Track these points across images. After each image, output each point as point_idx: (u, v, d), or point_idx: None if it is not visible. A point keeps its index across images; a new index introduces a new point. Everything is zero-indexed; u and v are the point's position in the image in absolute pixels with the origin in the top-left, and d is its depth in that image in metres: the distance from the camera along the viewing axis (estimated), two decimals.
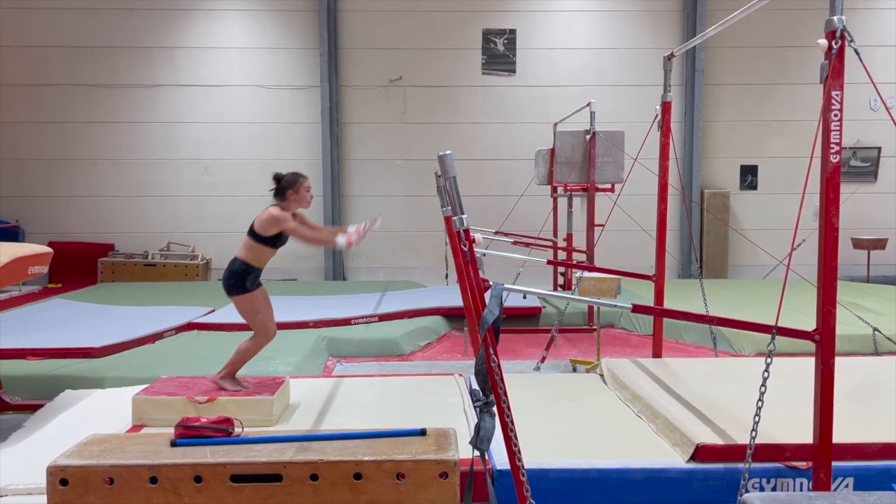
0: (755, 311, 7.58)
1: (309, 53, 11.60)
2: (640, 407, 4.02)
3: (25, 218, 11.48)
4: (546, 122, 10.79)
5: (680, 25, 11.79)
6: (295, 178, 4.13)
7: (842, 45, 2.82)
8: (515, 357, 6.45)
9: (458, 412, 4.02)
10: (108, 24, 11.44)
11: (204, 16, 11.56)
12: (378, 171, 11.87)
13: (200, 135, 11.67)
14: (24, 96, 11.45)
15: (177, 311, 7.66)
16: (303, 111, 11.71)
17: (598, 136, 8.00)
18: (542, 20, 11.76)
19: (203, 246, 11.64)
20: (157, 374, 4.63)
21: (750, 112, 11.98)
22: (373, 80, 11.70)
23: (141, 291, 9.41)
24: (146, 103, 11.60)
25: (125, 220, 11.67)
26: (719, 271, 11.71)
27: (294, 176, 4.14)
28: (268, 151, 11.72)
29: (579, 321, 7.64)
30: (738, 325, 3.22)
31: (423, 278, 11.13)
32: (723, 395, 4.04)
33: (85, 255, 11.17)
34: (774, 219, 11.62)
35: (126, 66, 11.51)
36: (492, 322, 2.63)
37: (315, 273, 11.85)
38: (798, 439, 3.18)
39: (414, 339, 6.90)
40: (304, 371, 5.43)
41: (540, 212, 9.89)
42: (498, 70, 11.68)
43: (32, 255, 3.45)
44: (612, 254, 10.40)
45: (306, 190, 4.13)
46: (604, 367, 4.86)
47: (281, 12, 11.60)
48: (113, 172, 11.65)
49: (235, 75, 11.64)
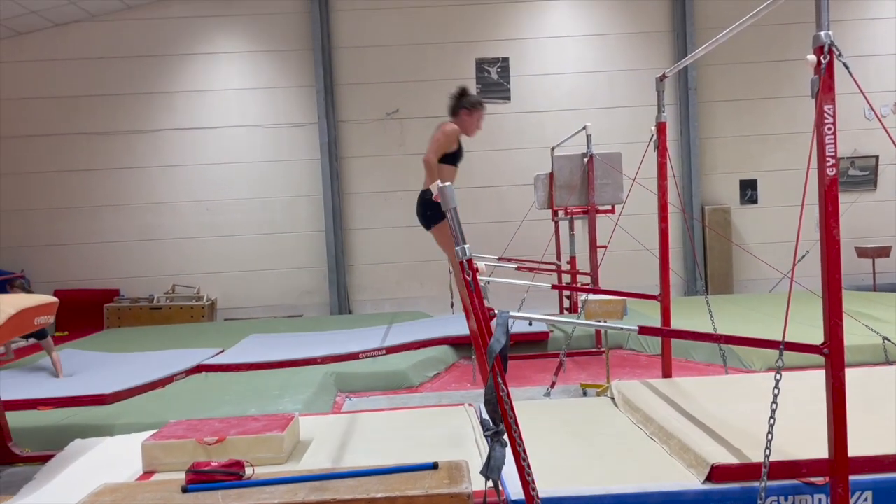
0: (763, 325, 7.55)
1: (305, 91, 11.73)
2: (652, 429, 3.99)
3: (30, 268, 11.54)
4: (543, 146, 10.86)
5: (671, 45, 11.92)
6: (477, 101, 4.25)
7: (830, 59, 2.85)
8: (525, 383, 6.41)
9: (470, 443, 3.99)
10: (106, 73, 11.60)
11: (201, 60, 11.73)
12: (379, 204, 11.93)
13: (201, 176, 11.77)
14: (26, 147, 11.58)
15: (185, 353, 7.65)
16: (302, 148, 11.81)
17: (595, 159, 8.05)
18: (534, 47, 11.90)
19: (208, 287, 11.68)
20: (166, 418, 4.61)
21: (746, 127, 12.05)
22: (369, 114, 11.82)
23: (148, 335, 9.41)
24: (146, 148, 11.72)
25: (129, 264, 11.72)
26: (725, 287, 11.69)
27: (477, 99, 4.26)
28: (269, 189, 11.80)
29: (587, 344, 7.61)
30: (746, 343, 3.21)
31: (429, 308, 11.12)
32: (735, 412, 4.01)
33: (90, 302, 11.20)
34: (777, 232, 11.62)
35: (124, 113, 11.65)
36: (499, 351, 2.63)
37: (321, 308, 11.85)
38: (813, 454, 3.15)
39: (422, 370, 6.87)
40: (313, 408, 5.41)
41: (542, 236, 9.92)
42: (493, 98, 11.79)
43: (38, 306, 3.46)
44: (616, 274, 10.40)
45: (479, 119, 4.25)
46: (614, 390, 4.83)
47: (276, 52, 11.76)
48: (115, 218, 11.73)
49: (234, 116, 11.77)
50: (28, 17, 10.81)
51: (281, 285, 11.87)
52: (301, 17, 11.69)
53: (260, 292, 11.83)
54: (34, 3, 10.43)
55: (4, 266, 11.41)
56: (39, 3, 10.44)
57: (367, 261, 11.96)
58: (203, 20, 11.65)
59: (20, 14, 10.64)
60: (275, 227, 11.85)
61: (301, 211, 11.85)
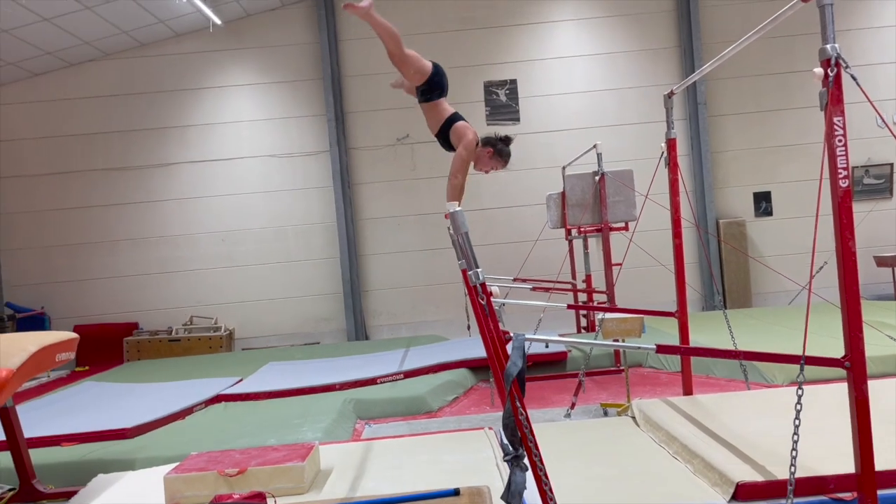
0: (784, 338, 7.47)
1: (317, 120, 11.86)
2: (675, 448, 3.95)
3: (50, 304, 11.66)
4: (554, 165, 10.89)
5: (678, 61, 11.95)
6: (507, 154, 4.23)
7: (838, 71, 2.85)
8: (544, 405, 6.37)
9: (491, 467, 3.97)
10: (120, 109, 11.80)
11: (213, 93, 11.90)
12: (392, 228, 11.98)
13: (216, 208, 11.89)
14: (43, 185, 11.76)
15: (204, 383, 7.68)
16: (314, 176, 11.91)
17: (607, 177, 8.05)
18: (541, 68, 11.97)
19: (225, 317, 11.75)
20: (187, 450, 4.63)
21: (757, 139, 12.02)
22: (380, 140, 11.91)
23: (167, 367, 9.47)
24: (161, 181, 11.87)
25: (147, 297, 11.81)
26: (743, 300, 11.58)
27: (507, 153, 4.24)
28: (283, 218, 11.90)
29: (606, 363, 7.55)
30: (766, 358, 3.19)
31: (446, 331, 11.11)
32: (759, 428, 3.97)
33: (110, 336, 11.29)
34: (793, 243, 11.54)
35: (139, 148, 11.83)
36: (516, 374, 2.62)
37: (337, 334, 11.87)
38: (840, 469, 3.10)
39: (441, 394, 6.85)
40: (332, 436, 5.40)
41: (556, 255, 9.90)
42: (502, 120, 11.85)
43: (59, 343, 3.50)
44: (632, 291, 10.36)
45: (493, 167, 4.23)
46: (635, 409, 4.79)
47: (287, 83, 11.92)
48: (133, 252, 11.85)
49: (247, 147, 11.91)
50: (43, 58, 11.04)
51: (297, 313, 11.91)
52: (310, 47, 11.86)
53: (277, 320, 11.88)
54: (49, 45, 10.66)
55: (25, 303, 11.55)
56: (54, 44, 10.66)
57: (382, 285, 11.99)
58: (213, 55, 11.84)
59: (36, 55, 10.88)
60: (290, 256, 11.93)
61: (315, 238, 11.93)
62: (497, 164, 4.29)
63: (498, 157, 4.28)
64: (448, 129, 4.24)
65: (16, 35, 9.97)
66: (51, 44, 10.64)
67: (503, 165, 4.35)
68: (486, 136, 4.32)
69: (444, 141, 4.33)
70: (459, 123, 4.26)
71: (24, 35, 10.05)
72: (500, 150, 4.27)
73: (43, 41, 10.45)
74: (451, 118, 4.29)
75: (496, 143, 4.28)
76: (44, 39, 10.39)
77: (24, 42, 10.27)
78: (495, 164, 4.29)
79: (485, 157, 4.28)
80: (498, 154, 4.27)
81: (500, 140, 4.29)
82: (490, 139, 4.29)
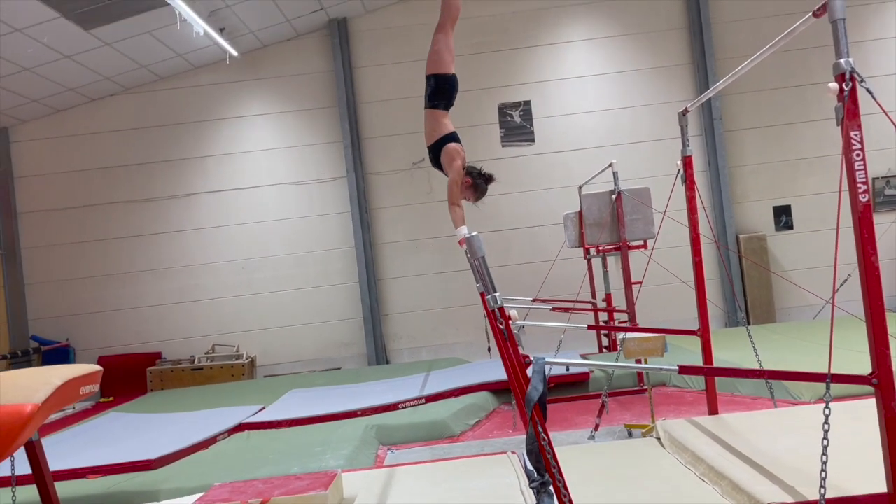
0: (810, 354, 7.37)
1: (333, 147, 11.97)
2: (702, 469, 3.89)
3: (75, 335, 11.79)
4: (570, 185, 10.89)
5: (692, 77, 11.94)
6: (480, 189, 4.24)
7: (853, 86, 2.84)
8: (568, 427, 6.31)
9: (515, 493, 3.93)
10: (140, 142, 11.99)
11: (230, 123, 12.07)
12: (410, 252, 12.01)
13: (236, 236, 12.00)
14: (67, 219, 11.94)
15: (227, 412, 7.70)
16: (332, 202, 12.00)
17: (623, 195, 8.03)
18: (554, 88, 12.02)
19: (247, 344, 11.80)
20: (211, 481, 4.63)
21: (775, 153, 11.95)
22: (396, 164, 11.99)
23: (190, 396, 9.51)
24: (181, 212, 12.01)
25: (170, 327, 11.91)
26: (767, 316, 11.43)
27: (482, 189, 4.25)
28: (302, 245, 11.97)
29: (629, 383, 7.47)
30: (791, 377, 3.14)
31: (466, 353, 11.08)
32: (787, 447, 3.90)
33: (134, 366, 11.37)
34: (816, 257, 11.40)
35: (159, 179, 11.99)
36: (537, 399, 2.61)
37: (358, 359, 11.87)
38: (871, 489, 3.04)
39: (463, 418, 6.80)
40: (355, 463, 5.38)
41: (575, 274, 9.87)
42: (517, 141, 11.89)
43: (83, 376, 3.53)
44: (653, 309, 10.28)
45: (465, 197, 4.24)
46: (660, 430, 4.73)
47: (303, 111, 12.06)
48: (154, 282, 11.97)
49: (265, 175, 12.03)
50: (65, 94, 11.27)
51: (318, 339, 11.94)
52: (325, 76, 12.00)
53: (298, 347, 11.91)
54: (71, 81, 10.89)
55: (50, 336, 11.69)
56: (75, 80, 10.89)
57: (402, 309, 11.99)
58: (231, 86, 12.02)
59: (58, 92, 11.11)
60: (309, 282, 11.99)
61: (334, 264, 11.98)
62: (469, 195, 4.23)
63: (472, 189, 4.22)
64: (441, 145, 4.23)
65: (38, 73, 10.20)
66: (72, 80, 10.87)
67: (475, 200, 4.28)
68: (471, 166, 4.27)
69: (433, 156, 4.32)
70: (452, 145, 4.22)
71: (47, 73, 10.28)
72: (476, 185, 4.21)
73: (65, 78, 10.69)
74: (447, 136, 4.27)
75: (476, 178, 4.23)
76: (65, 76, 10.62)
77: (47, 79, 10.51)
78: (468, 195, 4.24)
79: (467, 188, 4.23)
80: (474, 187, 4.22)
81: (481, 175, 4.23)
82: (473, 171, 4.24)
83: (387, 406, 7.17)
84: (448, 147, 4.21)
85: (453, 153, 4.18)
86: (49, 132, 11.95)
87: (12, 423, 2.43)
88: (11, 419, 2.43)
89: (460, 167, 4.15)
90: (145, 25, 9.79)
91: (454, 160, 4.15)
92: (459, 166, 4.15)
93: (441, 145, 4.23)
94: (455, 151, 4.19)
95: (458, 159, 4.16)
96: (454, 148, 4.20)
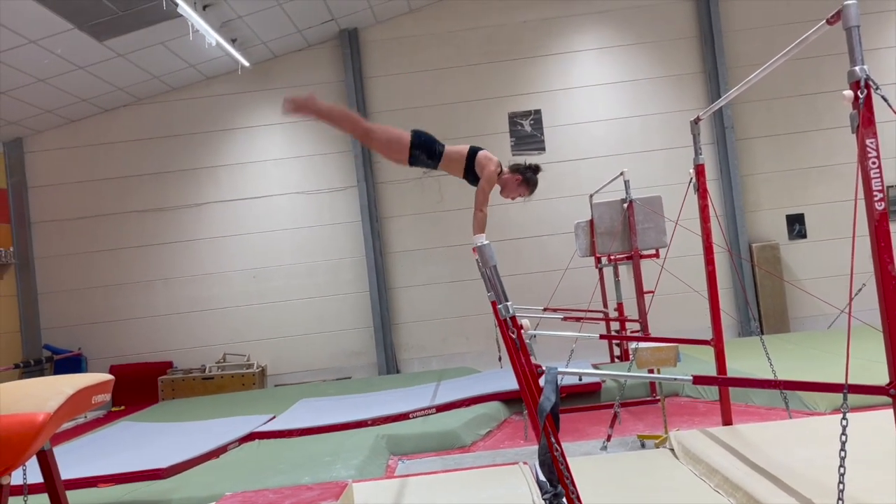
0: (824, 363, 7.29)
1: (344, 156, 12.00)
2: (717, 481, 3.85)
3: (87, 345, 11.84)
4: (581, 193, 10.86)
5: (703, 86, 11.91)
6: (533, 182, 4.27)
7: (868, 93, 2.81)
8: (580, 437, 6.26)
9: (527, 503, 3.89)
10: (153, 152, 12.07)
11: (242, 133, 12.13)
12: (421, 261, 12.00)
13: (247, 245, 12.04)
14: (80, 228, 12.03)
15: (238, 421, 7.70)
16: (343, 211, 12.02)
17: (635, 204, 7.99)
18: (565, 97, 12.01)
19: (257, 354, 11.82)
20: (221, 490, 4.62)
21: (787, 162, 11.88)
22: (407, 173, 11.99)
23: (201, 406, 9.51)
24: (193, 221, 12.07)
25: (181, 336, 11.94)
26: (781, 325, 11.34)
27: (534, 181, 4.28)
28: (313, 254, 11.99)
29: (642, 393, 7.41)
30: (807, 387, 3.10)
31: (476, 362, 11.04)
32: (803, 459, 3.85)
33: (145, 375, 11.40)
34: (830, 265, 11.30)
35: (172, 189, 12.06)
36: (550, 409, 2.58)
37: (369, 368, 11.86)
38: (889, 501, 2.99)
39: (474, 428, 6.77)
40: (366, 473, 5.36)
41: (586, 283, 9.82)
42: (527, 150, 11.88)
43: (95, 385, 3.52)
44: (665, 318, 10.22)
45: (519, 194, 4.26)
46: (673, 441, 4.68)
47: (314, 122, 12.08)
48: (166, 291, 12.02)
49: (276, 185, 12.07)
50: (79, 105, 11.37)
51: (328, 348, 11.94)
52: (336, 85, 12.05)
53: (308, 356, 11.91)
54: (84, 92, 10.98)
55: (62, 345, 11.75)
56: (89, 91, 10.99)
57: (412, 318, 11.98)
58: (242, 96, 12.09)
59: (72, 103, 11.21)
60: (320, 291, 12.00)
61: (345, 273, 11.99)
62: (524, 191, 4.30)
63: (525, 185, 4.29)
64: (471, 163, 4.26)
65: (53, 84, 10.30)
66: (86, 91, 10.97)
67: (529, 193, 4.36)
68: (514, 164, 4.33)
69: (472, 177, 4.34)
70: (481, 154, 4.27)
71: (61, 83, 10.38)
72: (528, 179, 4.29)
73: (78, 89, 10.78)
74: (470, 152, 4.29)
75: (525, 171, 4.29)
76: (79, 87, 10.72)
77: (61, 90, 10.61)
78: (522, 192, 4.31)
79: (512, 184, 4.30)
80: (526, 182, 4.29)
81: (528, 168, 4.30)
82: (519, 166, 4.30)
83: (397, 416, 7.14)
84: (480, 156, 4.27)
85: (484, 161, 4.23)
86: (63, 142, 12.05)
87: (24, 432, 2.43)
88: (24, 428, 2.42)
89: (494, 172, 4.19)
90: (158, 36, 9.88)
91: (487, 167, 4.20)
92: (493, 172, 4.19)
93: (471, 161, 4.25)
94: (486, 158, 4.24)
95: (491, 165, 4.20)
96: (485, 155, 4.26)
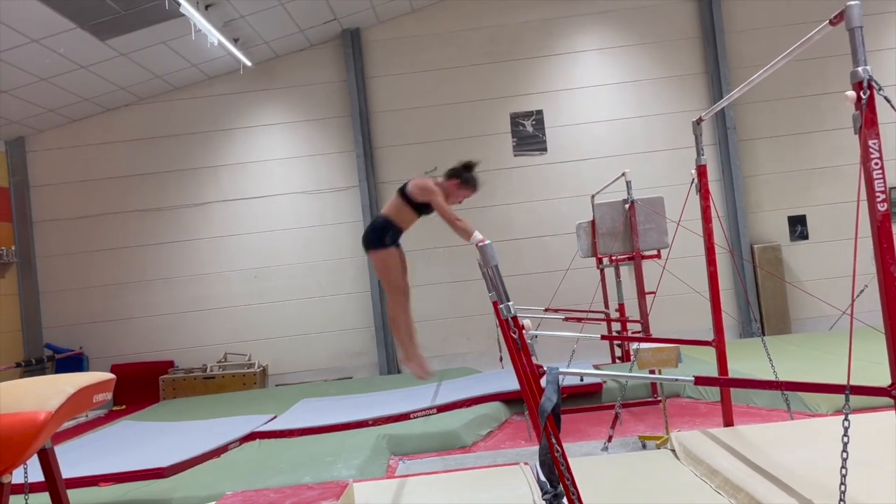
0: (826, 365, 7.28)
1: (345, 156, 12.00)
2: (718, 482, 3.84)
3: (88, 344, 11.85)
4: (583, 194, 10.85)
5: (705, 87, 11.90)
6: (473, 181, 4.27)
7: (871, 94, 2.80)
8: (580, 438, 6.26)
9: None
10: (155, 152, 12.07)
11: (244, 133, 12.13)
12: (421, 261, 11.97)
13: (248, 245, 12.04)
14: (81, 228, 12.03)
15: (239, 421, 7.71)
16: (344, 211, 12.01)
17: (637, 205, 7.99)
18: (567, 98, 12.00)
19: (259, 353, 11.81)
20: (222, 489, 4.62)
21: (789, 163, 11.86)
22: (408, 173, 11.90)
23: (202, 405, 9.52)
24: (194, 221, 12.07)
25: (182, 335, 11.94)
26: (782, 327, 11.33)
27: (472, 178, 4.28)
28: (314, 253, 11.99)
29: (643, 393, 7.40)
30: (808, 388, 3.10)
31: (477, 363, 11.02)
32: (804, 460, 3.84)
33: (146, 375, 11.40)
34: (832, 267, 11.29)
35: (173, 189, 12.06)
36: (551, 410, 2.58)
37: (370, 368, 11.85)
38: (892, 502, 2.98)
39: (475, 428, 6.76)
40: (367, 473, 5.36)
41: (588, 284, 9.82)
42: (529, 150, 11.88)
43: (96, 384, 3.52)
44: (666, 319, 10.20)
45: (464, 196, 4.29)
46: (674, 442, 4.68)
47: (316, 121, 12.11)
48: (167, 291, 12.02)
49: (277, 185, 12.07)
50: (81, 104, 11.38)
51: (330, 348, 11.93)
52: (338, 85, 12.05)
53: (309, 356, 11.91)
54: (86, 91, 10.99)
55: (64, 344, 11.75)
56: (91, 90, 10.99)
57: (413, 319, 11.93)
58: (244, 95, 12.09)
59: (74, 102, 11.22)
60: (321, 291, 11.99)
61: (346, 273, 11.99)
62: (467, 192, 4.29)
63: (465, 185, 4.27)
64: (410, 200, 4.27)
65: (55, 83, 10.30)
66: (88, 90, 10.97)
67: (474, 191, 4.35)
68: (447, 170, 4.32)
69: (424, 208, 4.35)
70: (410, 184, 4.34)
71: (63, 83, 10.39)
72: (465, 179, 4.28)
73: (80, 88, 10.79)
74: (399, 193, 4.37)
75: (460, 173, 4.27)
76: (81, 86, 10.73)
77: (63, 89, 10.61)
78: (465, 193, 4.30)
79: (453, 190, 4.28)
80: (465, 183, 4.27)
81: (462, 168, 4.29)
82: (452, 170, 4.29)
83: (398, 416, 7.14)
84: (409, 186, 4.31)
85: (420, 183, 4.24)
86: (65, 142, 12.05)
87: (26, 430, 2.43)
88: (25, 427, 2.43)
89: (432, 186, 4.18)
90: (160, 36, 9.88)
91: (424, 185, 4.21)
92: (431, 186, 4.18)
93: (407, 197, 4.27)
94: (415, 183, 4.28)
95: (425, 182, 4.21)
96: (412, 182, 4.32)
